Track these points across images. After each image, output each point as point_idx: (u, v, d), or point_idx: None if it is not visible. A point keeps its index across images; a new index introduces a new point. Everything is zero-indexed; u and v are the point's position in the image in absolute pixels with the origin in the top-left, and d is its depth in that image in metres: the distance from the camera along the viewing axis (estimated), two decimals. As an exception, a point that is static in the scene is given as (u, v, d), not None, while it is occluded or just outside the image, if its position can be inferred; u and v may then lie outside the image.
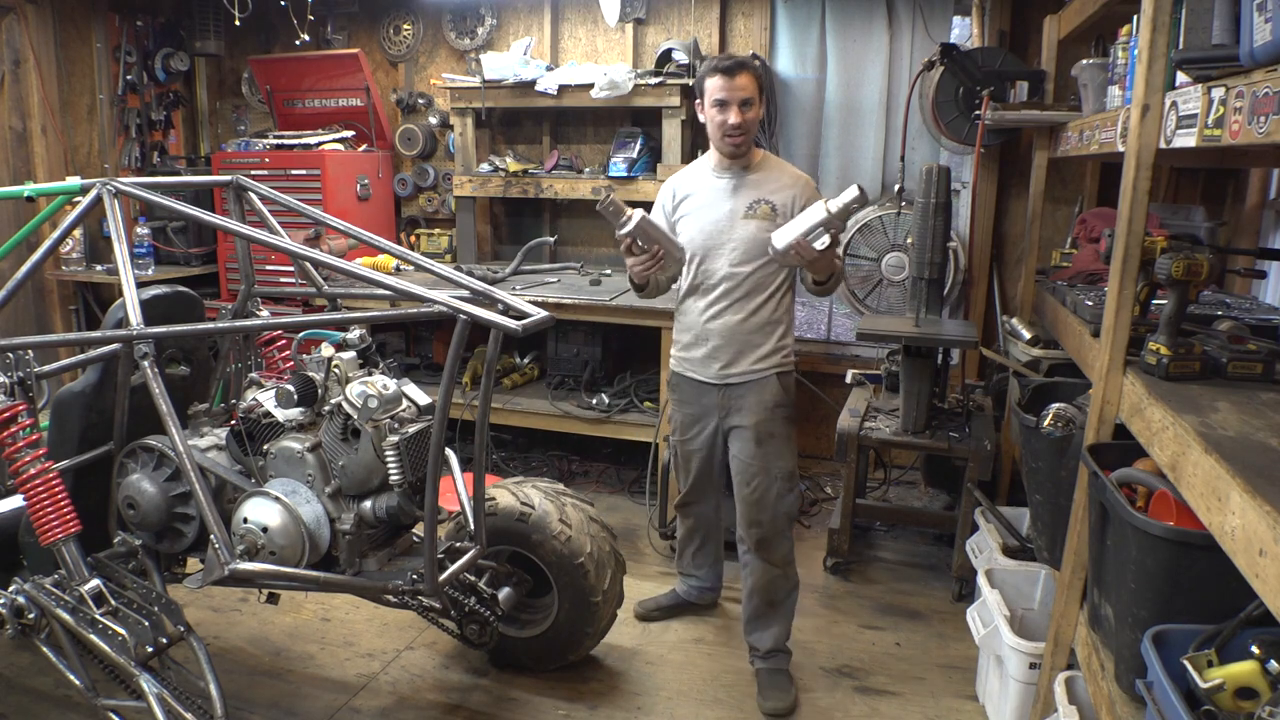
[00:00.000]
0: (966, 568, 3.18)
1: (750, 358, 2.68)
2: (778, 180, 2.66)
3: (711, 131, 2.62)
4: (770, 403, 2.69)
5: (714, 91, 2.55)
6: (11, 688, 2.71)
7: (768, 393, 2.69)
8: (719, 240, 2.64)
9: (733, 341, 2.67)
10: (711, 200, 2.67)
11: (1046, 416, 2.23)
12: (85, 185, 2.39)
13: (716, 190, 2.68)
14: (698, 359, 2.73)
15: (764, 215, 2.61)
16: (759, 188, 2.65)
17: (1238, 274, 2.81)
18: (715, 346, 2.69)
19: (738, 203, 2.64)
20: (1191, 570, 1.51)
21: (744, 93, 2.54)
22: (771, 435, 2.70)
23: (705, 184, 2.71)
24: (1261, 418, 1.51)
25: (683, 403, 2.85)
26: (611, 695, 2.77)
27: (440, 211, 5.07)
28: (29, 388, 2.29)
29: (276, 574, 2.20)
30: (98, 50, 4.94)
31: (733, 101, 2.54)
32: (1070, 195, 4.04)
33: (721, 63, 2.56)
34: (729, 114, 2.55)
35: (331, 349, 2.41)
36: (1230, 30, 1.40)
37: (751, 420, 2.68)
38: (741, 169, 2.67)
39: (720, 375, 2.70)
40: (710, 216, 2.66)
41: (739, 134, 2.58)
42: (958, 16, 4.17)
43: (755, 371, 2.69)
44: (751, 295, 2.65)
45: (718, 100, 2.55)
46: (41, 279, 4.88)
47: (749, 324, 2.66)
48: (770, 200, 2.62)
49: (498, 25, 4.76)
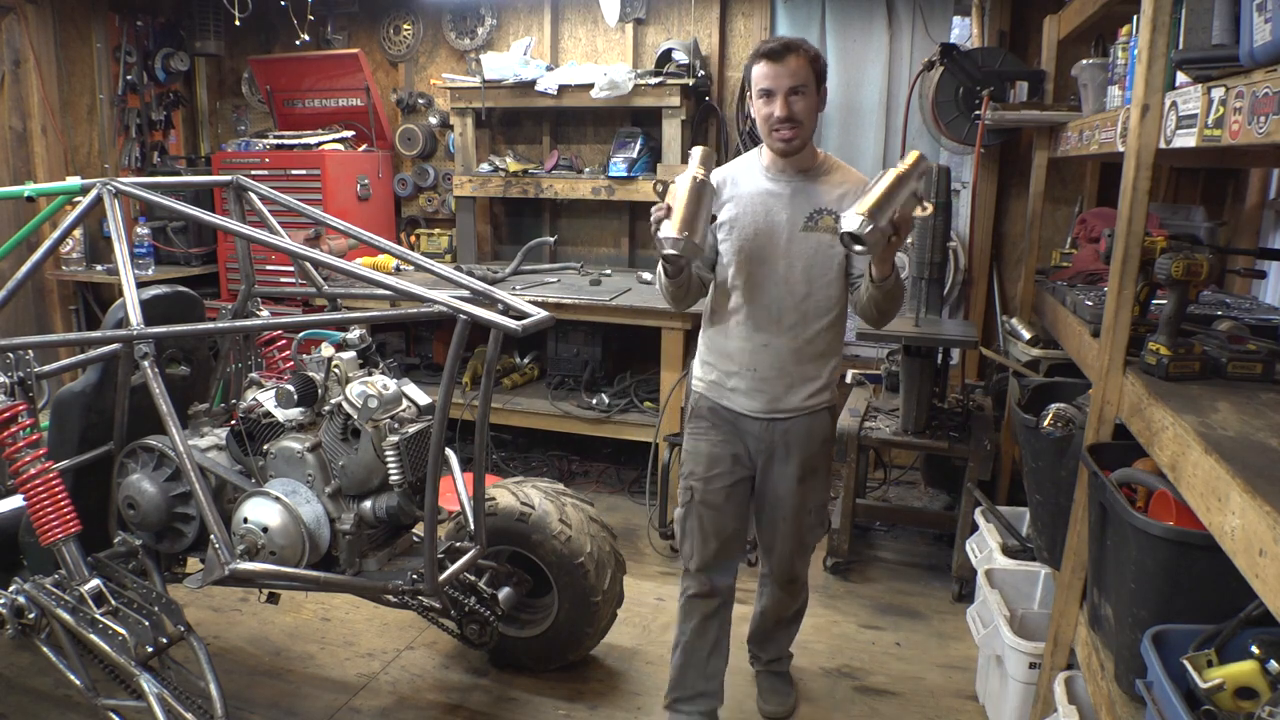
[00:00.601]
0: (966, 568, 3.18)
1: (803, 392, 2.33)
2: (843, 187, 2.26)
3: (760, 126, 2.25)
4: (820, 437, 2.40)
5: (759, 80, 2.19)
6: (11, 688, 2.71)
7: (818, 427, 2.39)
8: (770, 255, 2.25)
9: (784, 373, 2.31)
10: (763, 206, 2.26)
11: (1046, 416, 2.23)
12: (85, 185, 2.39)
13: (769, 195, 2.27)
14: (740, 390, 2.35)
15: (827, 227, 2.22)
16: (821, 195, 2.25)
17: (1238, 274, 2.81)
18: (763, 378, 2.32)
19: (795, 212, 2.24)
20: (1191, 570, 1.51)
21: (793, 79, 2.15)
22: (815, 471, 2.42)
23: (755, 186, 2.29)
24: (1261, 418, 1.51)
25: (711, 433, 2.41)
26: (611, 695, 2.77)
27: (440, 211, 5.07)
28: (29, 388, 2.29)
29: (276, 574, 2.20)
30: (98, 50, 4.94)
31: (779, 90, 2.16)
32: (1070, 195, 4.04)
33: (766, 46, 2.18)
34: (774, 105, 2.17)
35: (331, 349, 2.41)
36: (1230, 30, 1.40)
37: (799, 456, 2.37)
38: (799, 172, 2.27)
39: (768, 409, 2.34)
40: (760, 226, 2.26)
41: (788, 128, 2.18)
42: (958, 16, 4.16)
43: (808, 407, 2.35)
44: (808, 321, 2.28)
45: (763, 90, 2.19)
46: (41, 279, 4.88)
47: (804, 354, 2.30)
48: (832, 209, 2.23)
49: (498, 25, 4.76)
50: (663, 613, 3.23)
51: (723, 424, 2.40)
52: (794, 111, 2.17)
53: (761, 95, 2.20)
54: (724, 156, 4.41)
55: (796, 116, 2.17)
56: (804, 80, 2.16)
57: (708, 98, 4.35)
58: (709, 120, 4.43)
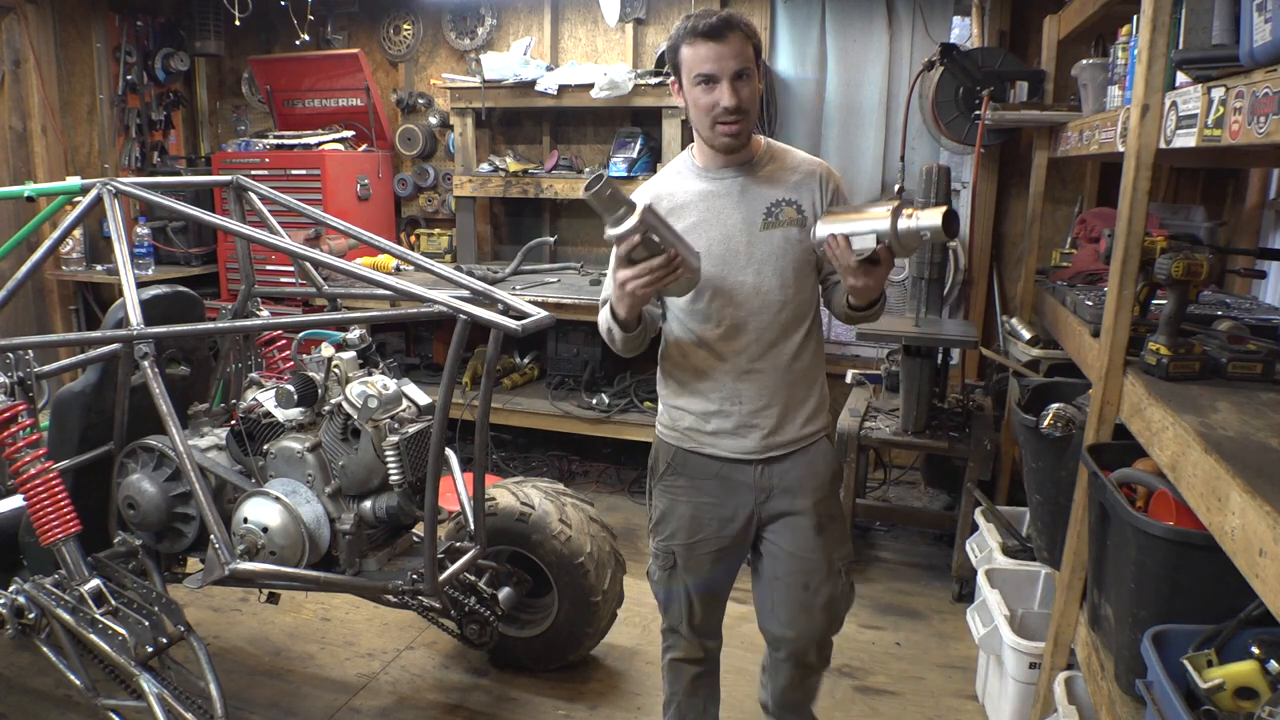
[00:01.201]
0: (966, 568, 3.18)
1: (798, 418, 1.98)
2: (793, 171, 1.96)
3: (696, 119, 1.88)
4: (827, 473, 2.04)
5: (696, 63, 1.80)
6: (11, 688, 2.71)
7: (821, 461, 2.02)
8: (734, 265, 1.90)
9: (775, 398, 1.95)
10: (713, 211, 1.92)
11: (1046, 416, 2.23)
12: (85, 185, 2.39)
13: (715, 197, 1.93)
14: (725, 430, 1.97)
15: (790, 220, 1.91)
16: (774, 185, 1.93)
17: (1238, 274, 2.81)
18: (753, 410, 1.95)
19: (751, 209, 1.91)
20: (1191, 570, 1.51)
21: (738, 61, 1.79)
22: (833, 518, 2.05)
23: (696, 190, 1.95)
24: (1261, 418, 1.51)
25: (692, 492, 2.03)
26: (611, 695, 2.77)
27: (440, 211, 5.07)
28: (29, 388, 2.29)
29: (276, 574, 2.20)
30: (98, 50, 4.94)
31: (723, 75, 1.78)
32: (1070, 195, 4.04)
33: (702, 22, 1.78)
34: (719, 93, 1.80)
35: (331, 349, 2.41)
36: (1230, 30, 1.40)
37: (809, 502, 1.99)
38: (743, 164, 1.94)
39: (763, 447, 1.96)
40: (716, 233, 1.91)
41: (736, 120, 1.83)
42: (958, 16, 4.17)
43: (806, 437, 2.00)
44: (789, 332, 1.94)
45: (702, 76, 1.80)
46: (41, 279, 4.88)
47: (792, 371, 1.96)
48: (794, 199, 1.92)
49: (498, 25, 4.76)
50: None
51: (707, 479, 2.01)
52: (742, 99, 1.81)
53: (700, 81, 1.82)
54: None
55: (744, 105, 1.82)
56: (748, 62, 1.81)
57: (708, 98, 4.35)
58: (709, 120, 4.43)
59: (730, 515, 2.02)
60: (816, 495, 2.00)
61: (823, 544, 2.01)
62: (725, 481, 2.01)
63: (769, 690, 2.26)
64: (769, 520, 2.02)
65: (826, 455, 2.05)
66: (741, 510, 2.01)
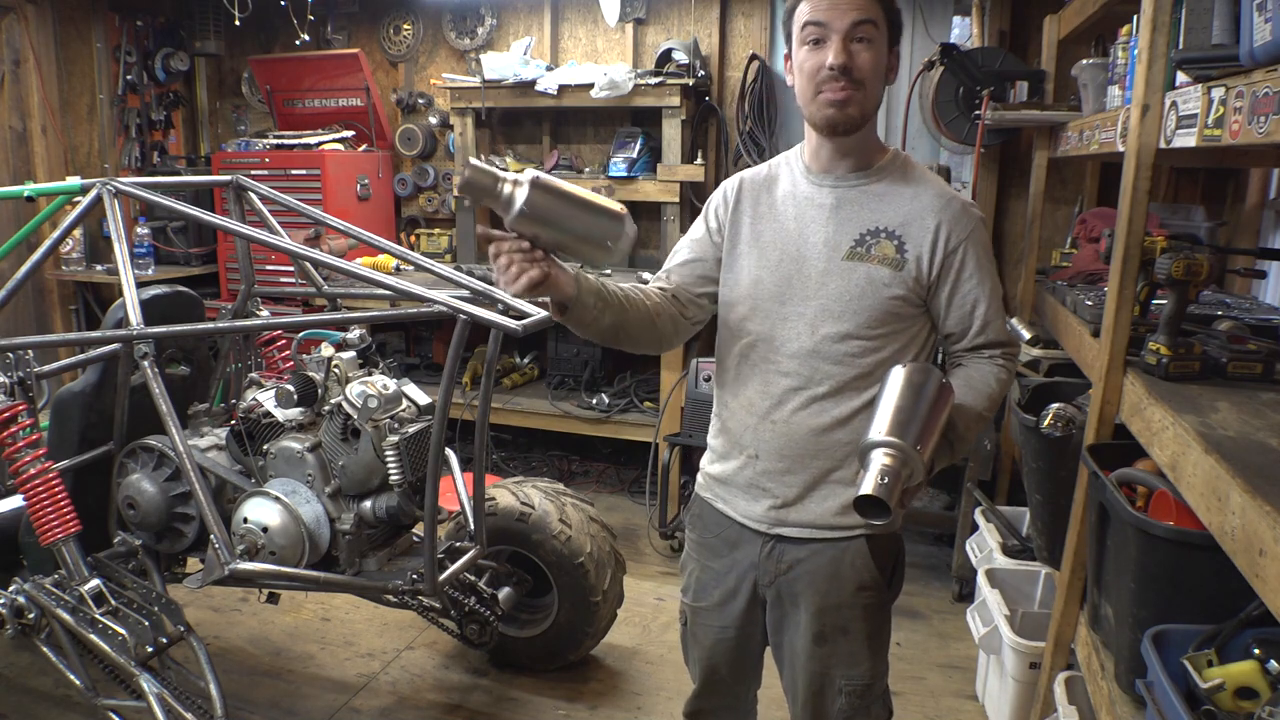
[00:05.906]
0: (966, 568, 3.18)
1: (830, 501, 1.58)
2: (914, 199, 1.53)
3: (801, 91, 1.50)
4: (852, 584, 1.60)
5: (806, 14, 1.45)
6: (11, 688, 2.71)
7: (850, 568, 1.60)
8: (796, 288, 1.55)
9: (801, 466, 1.57)
10: (795, 222, 1.57)
11: (1046, 416, 2.23)
12: (85, 185, 2.40)
13: (803, 203, 1.57)
14: (738, 485, 1.64)
15: (884, 258, 1.51)
16: (880, 207, 1.54)
17: (1238, 274, 2.81)
18: (768, 470, 1.59)
19: (839, 230, 1.54)
20: (1192, 570, 1.51)
21: (860, 12, 1.42)
22: (844, 631, 1.62)
23: (787, 190, 1.61)
24: (1261, 418, 1.51)
25: (703, 551, 1.74)
26: (611, 695, 2.77)
27: (440, 211, 5.07)
28: (29, 388, 2.29)
29: (276, 574, 2.21)
30: (98, 50, 4.94)
31: (836, 28, 1.42)
32: (1070, 195, 4.04)
33: None
34: (826, 51, 1.43)
35: (331, 349, 2.41)
36: (1230, 30, 1.40)
37: (814, 606, 1.61)
38: (853, 170, 1.56)
39: (771, 519, 1.61)
40: (787, 246, 1.56)
41: (844, 86, 1.44)
42: (958, 16, 4.16)
43: (836, 528, 1.58)
44: (845, 393, 1.54)
45: (811, 26, 1.44)
46: (41, 279, 4.88)
47: (834, 440, 1.55)
48: (896, 232, 1.52)
49: (498, 25, 4.76)
50: (663, 612, 3.23)
51: (717, 540, 1.71)
52: (856, 63, 1.43)
53: (808, 41, 1.45)
54: (723, 157, 4.41)
55: (858, 70, 1.43)
56: (873, 17, 1.44)
57: (708, 98, 4.35)
58: (709, 120, 4.43)
59: (732, 590, 1.70)
60: (824, 602, 1.60)
61: (820, 655, 1.63)
62: (733, 548, 1.68)
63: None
64: (772, 614, 1.69)
65: (859, 562, 1.59)
66: (744, 587, 1.68)
